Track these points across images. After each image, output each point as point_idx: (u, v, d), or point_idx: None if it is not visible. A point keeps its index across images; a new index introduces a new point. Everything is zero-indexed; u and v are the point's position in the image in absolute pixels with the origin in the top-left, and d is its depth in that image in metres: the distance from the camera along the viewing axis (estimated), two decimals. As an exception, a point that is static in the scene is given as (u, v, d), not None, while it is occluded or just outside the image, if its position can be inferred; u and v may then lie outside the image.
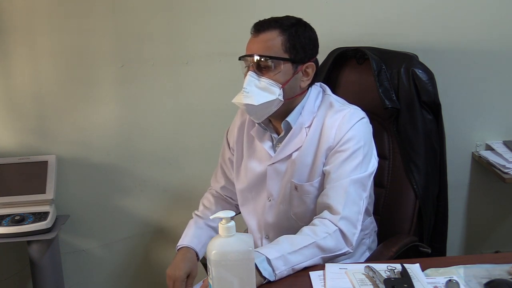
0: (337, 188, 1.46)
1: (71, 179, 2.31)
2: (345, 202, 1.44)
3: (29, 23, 2.16)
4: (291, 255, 1.33)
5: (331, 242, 1.40)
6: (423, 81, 1.83)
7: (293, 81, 1.51)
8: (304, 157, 1.53)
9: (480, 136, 2.26)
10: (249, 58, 1.50)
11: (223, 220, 1.14)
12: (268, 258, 1.30)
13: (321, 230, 1.40)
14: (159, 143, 2.30)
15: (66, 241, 2.37)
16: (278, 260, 1.31)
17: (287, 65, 1.49)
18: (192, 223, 1.72)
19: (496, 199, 2.34)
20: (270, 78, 1.48)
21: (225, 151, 1.75)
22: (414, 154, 1.82)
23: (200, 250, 1.63)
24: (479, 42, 2.17)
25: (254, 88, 1.48)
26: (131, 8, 2.17)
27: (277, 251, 1.33)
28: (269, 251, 1.33)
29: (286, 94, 1.50)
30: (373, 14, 2.16)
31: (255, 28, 1.51)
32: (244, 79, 1.50)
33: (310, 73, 1.54)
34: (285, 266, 1.32)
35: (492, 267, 1.29)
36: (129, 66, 2.22)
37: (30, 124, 2.26)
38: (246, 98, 1.47)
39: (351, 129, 1.49)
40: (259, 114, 1.52)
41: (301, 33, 1.51)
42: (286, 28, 1.49)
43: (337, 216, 1.42)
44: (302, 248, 1.36)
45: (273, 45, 1.48)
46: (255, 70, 1.49)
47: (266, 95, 1.48)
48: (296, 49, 1.50)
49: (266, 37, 1.49)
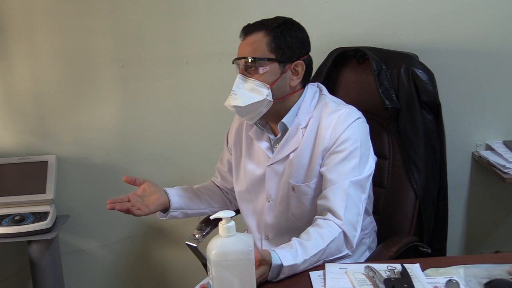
0: (336, 190, 1.46)
1: (71, 179, 2.31)
2: (346, 205, 1.44)
3: (29, 23, 2.16)
4: (300, 265, 1.33)
5: (335, 246, 1.41)
6: (423, 81, 1.83)
7: (282, 80, 1.52)
8: (300, 158, 1.54)
9: (480, 136, 2.26)
10: (238, 61, 1.54)
11: (223, 220, 1.13)
12: (282, 265, 1.29)
13: (328, 234, 1.40)
14: (159, 143, 2.30)
15: (66, 241, 2.37)
16: (288, 268, 1.30)
17: (273, 65, 1.51)
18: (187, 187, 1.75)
19: (496, 199, 2.34)
20: (258, 79, 1.50)
21: (225, 153, 1.77)
22: (414, 154, 1.82)
23: (171, 193, 1.67)
24: (479, 42, 2.17)
25: (242, 89, 1.51)
26: (131, 8, 2.17)
27: (292, 259, 1.31)
28: (286, 257, 1.31)
29: (275, 94, 1.51)
30: (373, 14, 2.16)
31: (243, 31, 1.55)
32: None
33: (300, 71, 1.54)
34: (289, 272, 1.32)
35: (492, 267, 1.29)
36: (129, 66, 2.22)
37: (30, 124, 2.26)
38: (233, 100, 1.51)
39: (346, 129, 1.50)
40: (250, 115, 1.53)
41: (287, 32, 1.52)
42: (272, 29, 1.52)
43: (340, 221, 1.43)
44: (311, 256, 1.35)
45: (259, 47, 1.51)
46: (244, 72, 1.52)
47: (253, 96, 1.49)
48: (281, 48, 1.51)
49: (252, 39, 1.52)
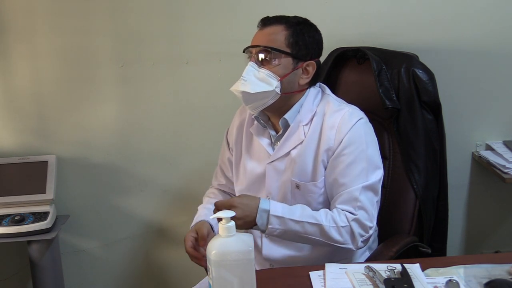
0: (348, 194, 1.48)
1: (71, 179, 2.30)
2: (359, 206, 1.47)
3: (29, 23, 2.15)
4: (292, 222, 1.43)
5: (336, 234, 1.45)
6: (423, 81, 1.83)
7: (292, 76, 1.53)
8: (304, 156, 1.54)
9: (480, 136, 2.26)
10: (251, 49, 1.53)
11: (223, 220, 1.14)
12: (269, 212, 1.42)
13: (333, 219, 1.45)
14: (159, 143, 2.30)
15: (66, 241, 2.36)
16: (276, 218, 1.42)
17: (287, 59, 1.51)
18: (201, 208, 1.72)
19: (496, 199, 2.34)
20: (269, 70, 1.51)
21: (225, 152, 1.76)
22: (414, 154, 1.82)
23: (214, 225, 1.63)
24: (479, 42, 2.17)
25: (252, 77, 1.51)
26: (131, 8, 2.17)
27: (281, 211, 1.43)
28: (275, 208, 1.43)
29: (283, 88, 1.52)
30: (373, 14, 2.16)
31: (262, 22, 1.55)
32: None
33: (310, 71, 1.55)
34: (279, 226, 1.42)
35: (492, 267, 1.29)
36: (129, 66, 2.21)
37: (30, 124, 2.25)
38: (242, 86, 1.50)
39: (350, 131, 1.50)
40: (255, 104, 1.53)
41: (306, 31, 1.54)
42: (292, 24, 1.53)
43: (351, 216, 1.47)
44: (307, 222, 1.43)
45: (276, 38, 1.51)
46: (256, 61, 1.52)
47: (263, 85, 1.50)
48: (298, 45, 1.52)
49: (270, 31, 1.52)
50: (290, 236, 1.46)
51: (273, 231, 1.44)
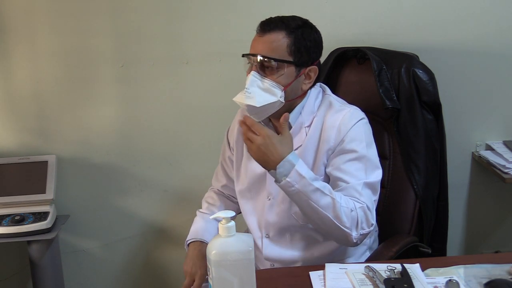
0: (350, 188, 1.45)
1: (71, 179, 2.30)
2: (362, 200, 1.44)
3: (29, 23, 2.15)
4: (311, 186, 1.37)
5: (344, 216, 1.39)
6: (424, 81, 1.83)
7: (295, 83, 1.52)
8: (304, 157, 1.53)
9: (480, 136, 2.26)
10: (252, 57, 1.50)
11: (223, 220, 1.14)
12: (294, 166, 1.36)
13: (346, 201, 1.41)
14: (159, 143, 2.30)
15: (66, 241, 2.36)
16: (298, 176, 1.36)
17: (290, 68, 1.49)
18: (199, 218, 1.72)
19: (496, 199, 2.34)
20: (273, 80, 1.48)
21: (226, 151, 1.76)
22: (414, 154, 1.82)
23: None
24: (479, 42, 2.17)
25: (256, 88, 1.48)
26: (131, 8, 2.17)
27: (305, 172, 1.38)
28: (302, 166, 1.38)
29: (287, 96, 1.50)
30: (373, 14, 2.16)
31: (261, 27, 1.51)
32: (247, 77, 1.50)
33: (312, 76, 1.55)
34: (297, 184, 1.36)
35: (492, 267, 1.29)
36: (129, 66, 2.21)
37: (30, 124, 2.25)
38: (248, 99, 1.47)
39: (351, 130, 1.50)
40: (260, 114, 1.52)
41: (306, 35, 1.51)
42: (293, 30, 1.49)
43: (358, 204, 1.43)
44: (323, 192, 1.38)
45: (278, 47, 1.48)
46: (258, 70, 1.49)
47: (267, 97, 1.48)
48: (300, 52, 1.50)
49: (271, 38, 1.49)
50: (300, 200, 1.39)
51: (288, 186, 1.37)
